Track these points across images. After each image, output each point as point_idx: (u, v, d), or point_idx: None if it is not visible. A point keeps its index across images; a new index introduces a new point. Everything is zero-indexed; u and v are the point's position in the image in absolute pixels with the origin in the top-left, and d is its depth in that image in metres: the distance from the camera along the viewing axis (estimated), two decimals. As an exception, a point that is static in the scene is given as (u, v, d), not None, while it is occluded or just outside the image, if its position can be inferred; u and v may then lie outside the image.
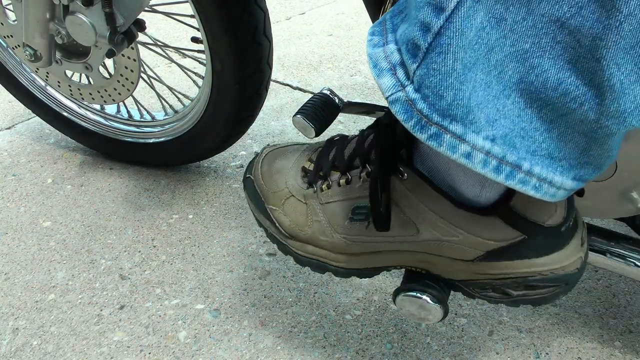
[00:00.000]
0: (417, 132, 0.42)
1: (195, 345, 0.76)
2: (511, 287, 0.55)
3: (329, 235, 0.60)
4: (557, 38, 0.37)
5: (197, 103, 0.96)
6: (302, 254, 0.63)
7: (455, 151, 0.42)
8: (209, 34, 0.83)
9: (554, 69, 0.39)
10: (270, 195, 0.64)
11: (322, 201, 0.59)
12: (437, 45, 0.38)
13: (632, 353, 0.74)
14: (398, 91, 0.42)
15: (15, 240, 0.93)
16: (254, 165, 0.67)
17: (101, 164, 1.11)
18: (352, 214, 0.57)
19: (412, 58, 0.40)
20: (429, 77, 0.40)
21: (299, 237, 0.62)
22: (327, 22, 1.78)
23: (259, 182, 0.65)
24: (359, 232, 0.58)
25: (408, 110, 0.41)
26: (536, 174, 0.43)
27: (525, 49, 0.39)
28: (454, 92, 0.40)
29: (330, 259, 0.61)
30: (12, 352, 0.75)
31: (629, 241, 0.64)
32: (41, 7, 0.78)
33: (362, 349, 0.75)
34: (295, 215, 0.61)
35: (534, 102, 0.41)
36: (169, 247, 0.91)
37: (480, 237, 0.52)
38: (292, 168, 0.63)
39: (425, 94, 0.40)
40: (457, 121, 0.41)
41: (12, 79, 1.07)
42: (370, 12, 0.72)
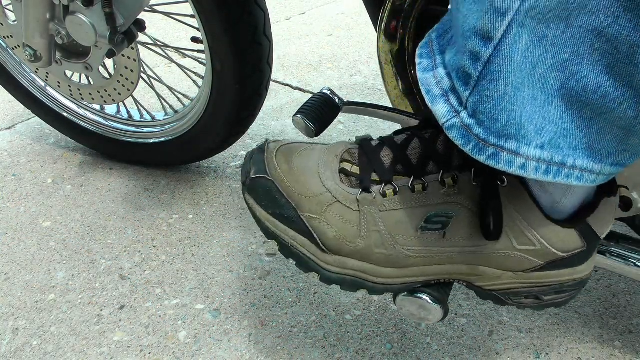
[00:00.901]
0: (476, 154, 0.44)
1: (195, 345, 0.76)
2: (546, 293, 0.57)
3: (388, 247, 0.54)
4: (595, 46, 0.39)
5: (197, 103, 0.96)
6: (336, 270, 0.55)
7: (512, 165, 0.44)
8: (209, 34, 0.83)
9: (592, 74, 0.41)
10: (304, 201, 0.54)
11: (385, 208, 0.53)
12: (487, 73, 0.40)
13: (632, 353, 0.74)
14: (453, 117, 0.44)
15: (15, 240, 0.93)
16: (267, 162, 0.56)
17: (101, 164, 1.11)
18: (426, 223, 0.52)
19: (464, 86, 0.42)
20: (483, 103, 0.42)
21: (344, 250, 0.54)
22: (327, 22, 1.78)
23: (282, 183, 0.55)
24: (430, 243, 0.53)
25: (465, 135, 0.44)
26: (579, 167, 0.45)
27: (565, 59, 0.40)
28: (507, 114, 0.42)
29: (373, 273, 0.55)
30: (12, 352, 0.75)
31: (629, 241, 0.65)
32: (41, 7, 0.78)
33: (362, 349, 0.75)
34: (344, 225, 0.53)
35: (574, 104, 0.43)
36: (169, 247, 0.92)
37: (554, 247, 0.53)
38: (324, 169, 0.55)
39: (480, 119, 0.42)
40: (511, 139, 0.43)
41: (12, 79, 1.07)
42: (370, 12, 0.72)
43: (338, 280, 0.56)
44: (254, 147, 0.59)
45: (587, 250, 0.54)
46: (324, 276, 0.56)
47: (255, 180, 0.55)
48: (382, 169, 0.53)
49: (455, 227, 0.52)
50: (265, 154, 0.57)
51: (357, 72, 1.48)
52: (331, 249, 0.54)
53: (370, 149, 0.55)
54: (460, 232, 0.53)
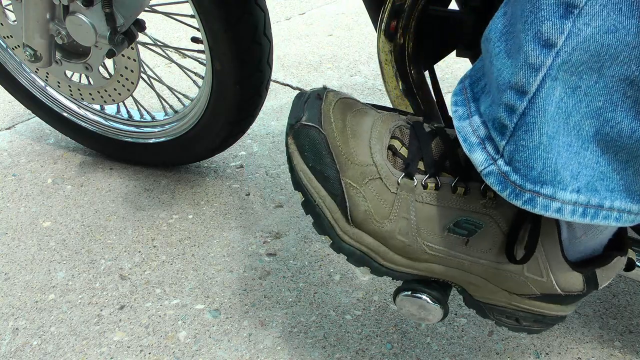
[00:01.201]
0: (513, 199, 0.45)
1: (195, 345, 0.76)
2: (527, 319, 0.58)
3: (410, 238, 0.53)
4: (628, 93, 0.41)
5: (197, 103, 0.96)
6: (350, 242, 0.54)
7: (548, 209, 0.45)
8: (209, 34, 0.83)
9: (627, 120, 0.42)
10: (350, 167, 0.52)
11: (421, 200, 0.52)
12: (522, 124, 0.42)
13: (632, 353, 0.74)
14: (490, 165, 0.45)
15: (15, 240, 0.93)
16: (323, 113, 0.52)
17: (101, 164, 1.11)
18: (455, 226, 0.52)
19: (500, 136, 0.44)
20: (519, 152, 0.43)
21: (369, 226, 0.53)
22: (327, 22, 1.78)
23: (334, 141, 0.52)
24: (450, 246, 0.53)
25: (502, 181, 0.45)
26: (616, 208, 0.46)
27: (598, 107, 0.42)
28: (543, 162, 0.43)
29: (384, 257, 0.55)
30: (12, 352, 0.75)
31: (629, 241, 0.65)
32: (41, 7, 0.78)
33: (362, 349, 0.75)
34: (378, 203, 0.52)
35: (610, 148, 0.44)
36: (169, 247, 0.91)
37: (557, 284, 0.54)
38: (375, 139, 0.53)
39: (517, 167, 0.44)
40: (547, 184, 0.44)
41: (12, 79, 1.07)
42: (370, 12, 0.72)
43: (348, 252, 0.55)
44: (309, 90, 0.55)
45: (582, 295, 0.56)
46: (336, 243, 0.55)
47: (305, 128, 0.52)
48: (430, 160, 0.52)
49: (480, 238, 0.52)
50: (323, 103, 0.53)
51: (357, 72, 1.48)
52: (355, 222, 0.53)
53: (423, 135, 0.53)
54: (482, 244, 0.53)
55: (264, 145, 1.16)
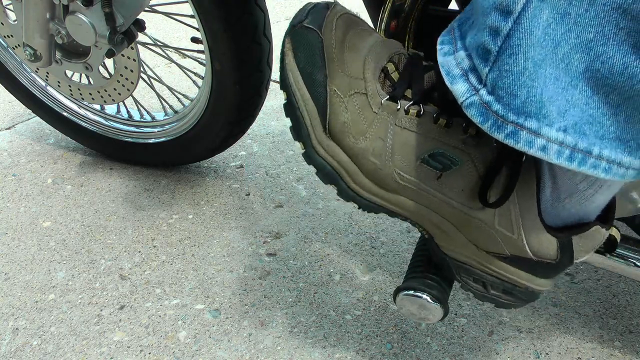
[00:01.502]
0: (494, 132, 0.43)
1: (195, 345, 0.76)
2: (494, 286, 0.57)
3: (382, 161, 0.52)
4: (620, 25, 0.39)
5: (197, 103, 0.96)
6: (323, 155, 0.54)
7: (532, 146, 0.43)
8: (209, 34, 0.83)
9: (619, 55, 0.40)
10: (339, 75, 0.52)
11: (401, 124, 0.51)
12: (507, 47, 0.40)
13: (632, 353, 0.74)
14: (472, 95, 0.43)
15: (15, 240, 0.93)
16: (326, 20, 0.52)
17: (101, 164, 1.11)
18: (430, 157, 0.51)
19: (484, 62, 0.42)
20: (502, 78, 0.41)
21: (344, 141, 0.53)
22: (327, 22, 1.78)
23: (329, 47, 0.52)
24: (422, 177, 0.52)
25: (483, 112, 0.43)
26: (606, 157, 0.44)
27: (589, 39, 0.40)
28: (527, 90, 0.41)
29: (353, 178, 0.54)
30: (12, 352, 0.75)
31: (629, 241, 0.64)
32: (41, 7, 0.78)
33: (362, 349, 0.75)
34: (358, 117, 0.52)
35: (600, 88, 0.42)
36: (169, 247, 0.91)
37: (528, 245, 0.53)
38: (371, 58, 0.53)
39: (500, 95, 0.42)
40: (531, 117, 0.42)
41: (12, 79, 1.07)
42: (370, 12, 0.72)
43: (318, 164, 0.54)
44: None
45: (556, 266, 0.54)
46: (308, 152, 0.54)
47: (305, 29, 0.52)
48: (419, 88, 0.51)
49: (454, 176, 0.51)
50: (329, 12, 0.53)
51: (357, 72, 1.48)
52: (332, 132, 0.53)
53: (417, 65, 0.53)
54: (455, 182, 0.52)
55: (264, 145, 1.16)
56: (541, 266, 0.54)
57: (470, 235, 0.54)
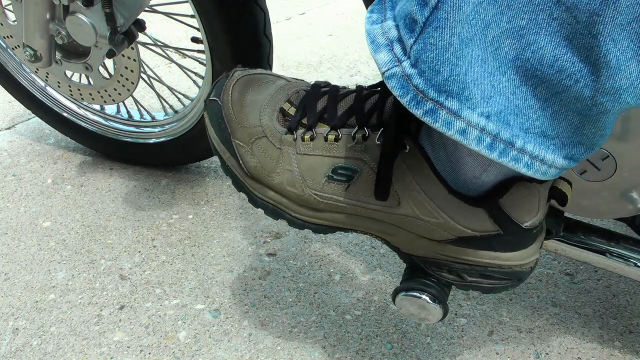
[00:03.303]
0: (413, 107, 0.42)
1: (195, 345, 0.76)
2: (468, 272, 0.56)
3: (298, 188, 0.57)
4: (554, 14, 0.38)
5: (197, 103, 0.96)
6: (260, 196, 0.59)
7: (450, 127, 0.42)
8: (209, 34, 0.83)
9: (550, 46, 0.39)
10: (238, 129, 0.58)
11: (301, 152, 0.56)
12: (434, 20, 0.38)
13: (632, 353, 0.74)
14: (394, 66, 0.42)
15: (15, 240, 0.93)
16: (224, 88, 0.60)
17: (101, 164, 1.11)
18: (333, 173, 0.55)
19: (410, 33, 0.40)
20: (426, 52, 0.40)
21: (263, 181, 0.58)
22: (327, 22, 1.78)
23: (227, 110, 0.59)
24: (334, 192, 0.55)
25: (404, 85, 0.42)
26: (529, 152, 0.43)
27: (521, 26, 0.39)
28: (451, 67, 0.40)
29: (291, 209, 0.59)
30: (12, 352, 0.75)
31: (629, 241, 0.64)
32: (41, 7, 0.78)
33: (362, 349, 0.75)
34: (265, 159, 0.57)
35: (529, 79, 0.41)
36: (169, 247, 0.92)
37: (459, 224, 0.52)
38: (268, 105, 0.58)
39: (422, 69, 0.40)
40: (452, 97, 0.41)
41: (12, 79, 1.07)
42: (370, 12, 0.72)
43: (262, 205, 0.60)
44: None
45: (509, 237, 0.53)
46: (251, 198, 0.60)
47: (210, 102, 0.61)
48: (312, 115, 0.55)
49: (359, 183, 0.54)
50: (227, 80, 0.61)
51: (357, 72, 1.48)
52: (253, 177, 0.59)
53: (312, 95, 0.57)
54: (362, 188, 0.54)
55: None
56: (493, 240, 0.53)
57: (413, 230, 0.55)
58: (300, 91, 0.59)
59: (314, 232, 0.60)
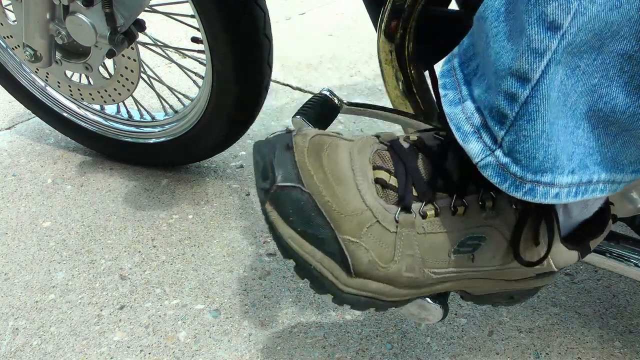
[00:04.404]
0: (512, 191, 0.43)
1: (195, 345, 0.76)
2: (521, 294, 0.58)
3: (417, 271, 0.49)
4: (625, 69, 0.39)
5: (197, 103, 0.96)
6: (354, 292, 0.49)
7: (547, 197, 0.43)
8: (209, 34, 0.83)
9: (621, 95, 0.40)
10: (344, 220, 0.46)
11: (424, 231, 0.47)
12: (525, 114, 0.39)
13: (632, 353, 0.74)
14: (487, 156, 0.43)
15: (15, 240, 0.93)
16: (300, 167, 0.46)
17: (101, 164, 1.11)
18: (459, 246, 0.48)
19: (499, 125, 0.41)
20: (520, 142, 0.41)
21: (372, 275, 0.48)
22: (327, 22, 1.78)
23: (321, 198, 0.46)
24: (456, 266, 0.50)
25: (501, 173, 0.43)
26: (602, 180, 0.45)
27: (594, 83, 0.40)
28: (545, 151, 0.41)
29: (390, 295, 0.51)
30: (12, 352, 0.75)
31: (629, 241, 0.64)
32: (41, 7, 0.78)
33: (362, 349, 0.75)
34: (380, 248, 0.47)
35: (600, 123, 0.42)
36: (169, 247, 0.91)
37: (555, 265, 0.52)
38: (359, 177, 0.47)
39: (517, 158, 0.42)
40: (547, 172, 0.42)
41: (12, 79, 1.07)
42: (370, 12, 0.72)
43: (352, 301, 0.50)
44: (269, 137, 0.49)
45: None
46: (338, 298, 0.49)
47: (284, 190, 0.45)
48: (422, 183, 0.47)
49: (484, 250, 0.50)
50: (295, 154, 0.46)
51: (357, 72, 1.48)
52: (358, 273, 0.48)
53: (405, 155, 0.48)
54: (487, 254, 0.50)
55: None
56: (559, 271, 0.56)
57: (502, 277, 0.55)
58: (380, 152, 0.49)
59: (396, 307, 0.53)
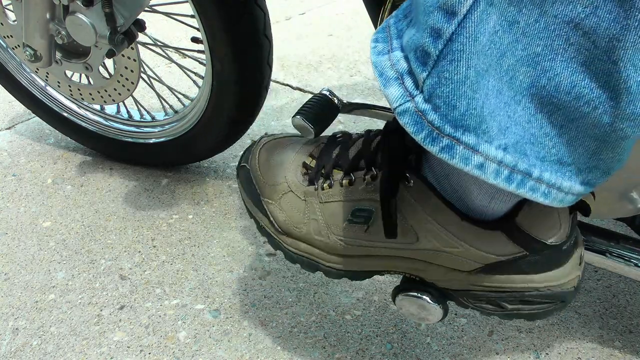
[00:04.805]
0: (428, 144, 0.40)
1: (195, 345, 0.76)
2: (506, 300, 0.55)
3: (324, 235, 0.59)
4: (571, 40, 0.36)
5: (197, 103, 0.96)
6: (294, 251, 0.62)
7: (468, 163, 0.40)
8: (209, 34, 0.83)
9: (566, 72, 0.37)
10: (266, 188, 0.62)
11: (322, 200, 0.58)
12: (449, 52, 0.37)
13: (632, 353, 0.74)
14: (407, 102, 0.40)
15: (15, 240, 0.93)
16: (251, 153, 0.65)
17: (101, 164, 1.11)
18: (352, 216, 0.56)
19: (422, 66, 0.38)
20: (441, 86, 0.38)
21: (293, 234, 0.61)
22: (327, 22, 1.78)
23: (255, 172, 0.64)
24: (356, 235, 0.57)
25: (418, 122, 0.40)
26: (545, 181, 0.42)
27: (537, 52, 0.37)
28: (467, 101, 0.38)
29: (323, 258, 0.60)
30: (12, 352, 0.75)
31: (629, 241, 0.64)
32: (41, 7, 0.78)
33: (362, 349, 0.75)
34: (292, 211, 0.60)
35: (544, 107, 0.40)
36: (169, 247, 0.92)
37: (481, 250, 0.52)
38: (292, 162, 0.62)
39: (437, 105, 0.39)
40: (469, 132, 0.39)
41: (12, 79, 1.07)
42: (370, 12, 0.72)
43: (298, 260, 0.62)
44: None
45: (535, 256, 0.51)
46: (287, 255, 0.62)
47: (241, 168, 0.66)
48: (328, 164, 0.58)
49: (377, 224, 0.55)
50: (254, 146, 0.66)
51: (357, 72, 1.48)
52: (283, 231, 0.61)
53: (329, 146, 0.60)
54: (381, 228, 0.54)
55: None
56: (521, 262, 0.52)
57: (441, 262, 0.55)
58: (320, 144, 0.62)
59: (351, 280, 0.61)
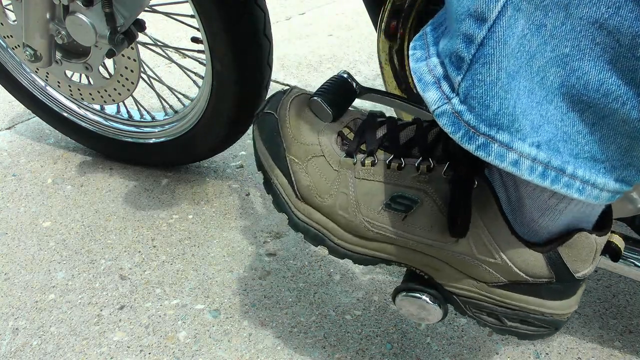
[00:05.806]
0: (465, 143, 0.43)
1: (195, 345, 0.76)
2: (509, 317, 0.56)
3: (350, 213, 0.55)
4: (596, 40, 0.38)
5: (197, 103, 0.96)
6: (303, 219, 0.58)
7: (504, 160, 0.42)
8: (209, 34, 0.83)
9: (594, 71, 0.39)
10: (294, 145, 0.57)
11: (359, 176, 0.55)
12: (480, 56, 0.39)
13: (632, 353, 0.74)
14: (444, 104, 0.43)
15: (15, 240, 0.93)
16: (282, 103, 0.59)
17: (101, 164, 1.11)
18: (391, 201, 0.53)
19: (457, 70, 0.41)
20: (475, 88, 0.40)
21: (313, 202, 0.57)
22: (327, 22, 1.78)
23: (284, 123, 0.57)
24: (389, 222, 0.54)
25: (455, 122, 0.42)
26: (579, 177, 0.43)
27: (565, 53, 0.39)
28: (500, 102, 0.40)
29: (336, 234, 0.57)
30: (12, 352, 0.75)
31: (629, 241, 0.64)
32: (41, 7, 0.78)
33: (362, 349, 0.75)
34: (320, 178, 0.56)
35: (576, 105, 0.41)
36: (169, 247, 0.92)
37: (515, 266, 0.52)
38: (327, 126, 0.57)
39: (472, 105, 0.41)
40: (503, 130, 0.41)
41: (12, 79, 1.07)
42: (370, 12, 0.72)
43: (303, 229, 0.58)
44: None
45: (559, 285, 0.52)
46: (292, 220, 0.58)
47: (265, 115, 0.59)
48: (372, 141, 0.55)
49: (418, 215, 0.53)
50: (285, 96, 0.60)
51: (357, 72, 1.48)
52: (302, 197, 0.57)
53: (370, 123, 0.57)
54: (421, 220, 0.53)
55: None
56: (543, 287, 0.53)
57: (464, 269, 0.54)
58: (357, 119, 0.58)
59: (354, 262, 0.59)
